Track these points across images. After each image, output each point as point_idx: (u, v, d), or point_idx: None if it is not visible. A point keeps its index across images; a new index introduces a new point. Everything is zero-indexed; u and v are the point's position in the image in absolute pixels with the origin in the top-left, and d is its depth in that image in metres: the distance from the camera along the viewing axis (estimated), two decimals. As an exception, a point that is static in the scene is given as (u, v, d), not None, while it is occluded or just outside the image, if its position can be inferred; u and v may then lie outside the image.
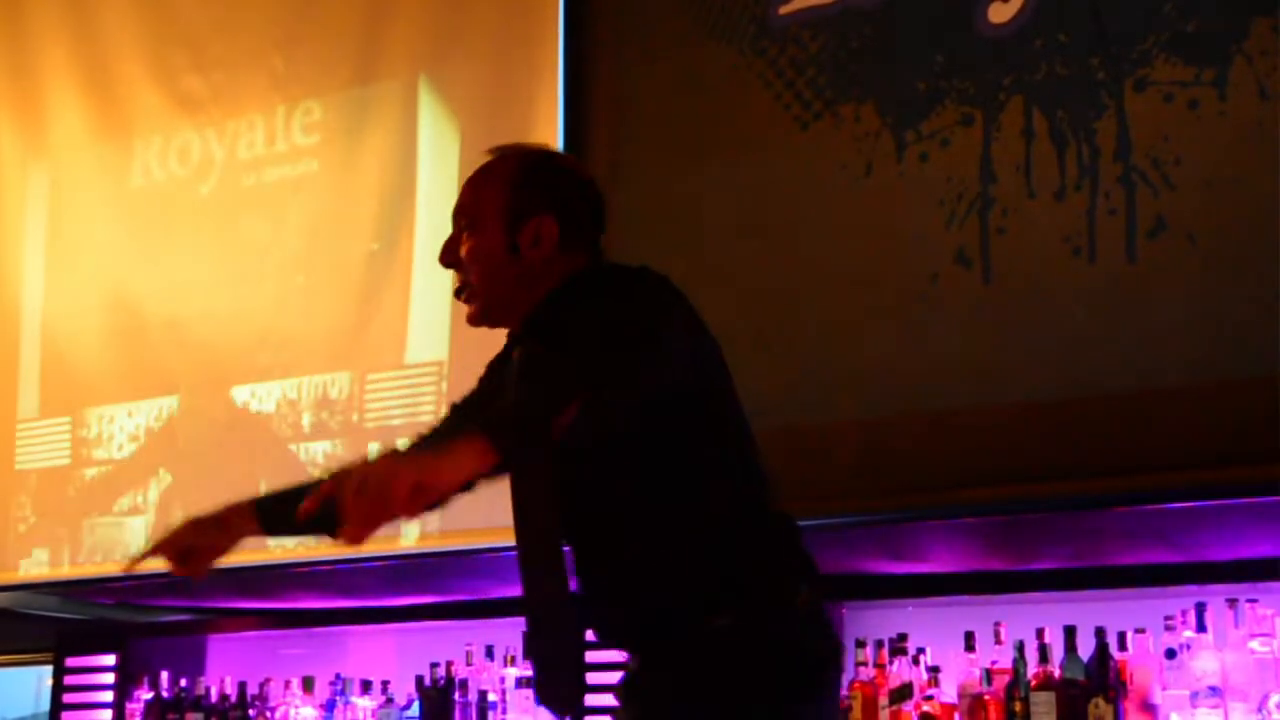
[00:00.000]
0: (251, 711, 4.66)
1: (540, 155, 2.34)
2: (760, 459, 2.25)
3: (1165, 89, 3.22)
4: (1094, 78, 3.30)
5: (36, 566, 4.86)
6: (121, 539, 4.69)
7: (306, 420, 4.40)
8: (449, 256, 2.27)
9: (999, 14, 3.43)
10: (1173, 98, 3.21)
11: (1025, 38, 3.38)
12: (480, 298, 2.24)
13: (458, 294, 2.28)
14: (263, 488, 4.42)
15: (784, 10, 3.71)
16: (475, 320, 2.27)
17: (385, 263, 4.30)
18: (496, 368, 2.36)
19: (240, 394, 4.52)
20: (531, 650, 2.24)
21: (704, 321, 2.18)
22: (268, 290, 4.51)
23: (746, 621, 2.09)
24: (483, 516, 3.17)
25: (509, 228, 2.22)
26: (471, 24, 4.23)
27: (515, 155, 2.29)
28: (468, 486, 2.08)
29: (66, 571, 4.80)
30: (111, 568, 4.70)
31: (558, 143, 3.98)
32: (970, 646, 3.62)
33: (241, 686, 4.72)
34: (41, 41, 5.11)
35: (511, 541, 2.24)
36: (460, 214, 2.27)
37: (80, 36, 5.02)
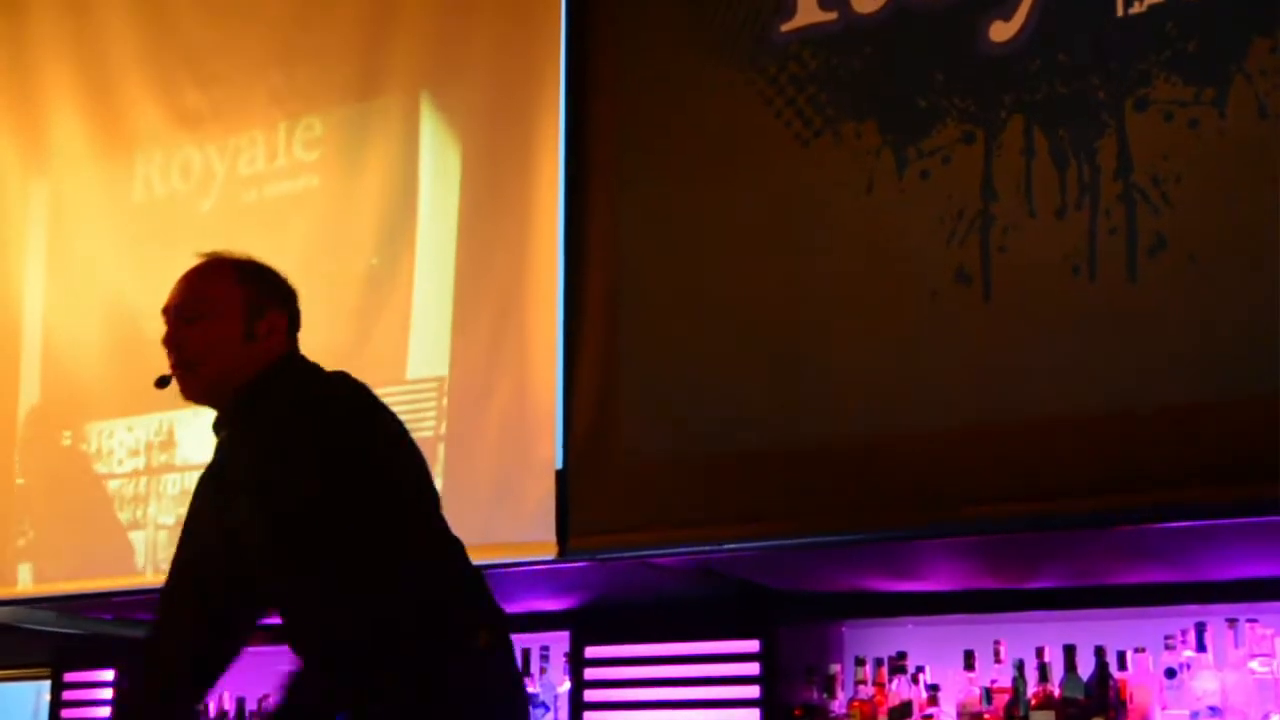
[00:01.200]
0: (249, 728, 4.65)
1: (255, 262, 2.67)
2: (427, 506, 2.49)
3: (1165, 108, 3.22)
4: (1094, 96, 3.30)
5: (35, 581, 4.85)
6: (121, 554, 4.68)
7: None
8: (172, 341, 2.62)
9: (1000, 33, 3.44)
10: (1173, 117, 3.21)
11: (1026, 56, 3.39)
12: (202, 380, 2.57)
13: (162, 383, 2.67)
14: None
15: (785, 28, 3.72)
16: (195, 395, 2.61)
17: (386, 278, 4.30)
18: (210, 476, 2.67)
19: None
20: None
21: (373, 427, 2.48)
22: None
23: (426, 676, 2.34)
24: (480, 533, 3.17)
25: (248, 319, 2.56)
26: (473, 41, 4.24)
27: (238, 260, 2.64)
28: None
29: (65, 586, 4.80)
30: (110, 583, 4.70)
31: (559, 159, 3.98)
32: (970, 665, 3.62)
33: (240, 702, 4.71)
34: (43, 57, 5.12)
35: (507, 559, 2.28)
36: (184, 305, 2.60)
37: (82, 52, 5.03)
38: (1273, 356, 3.03)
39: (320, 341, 4.43)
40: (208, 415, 2.71)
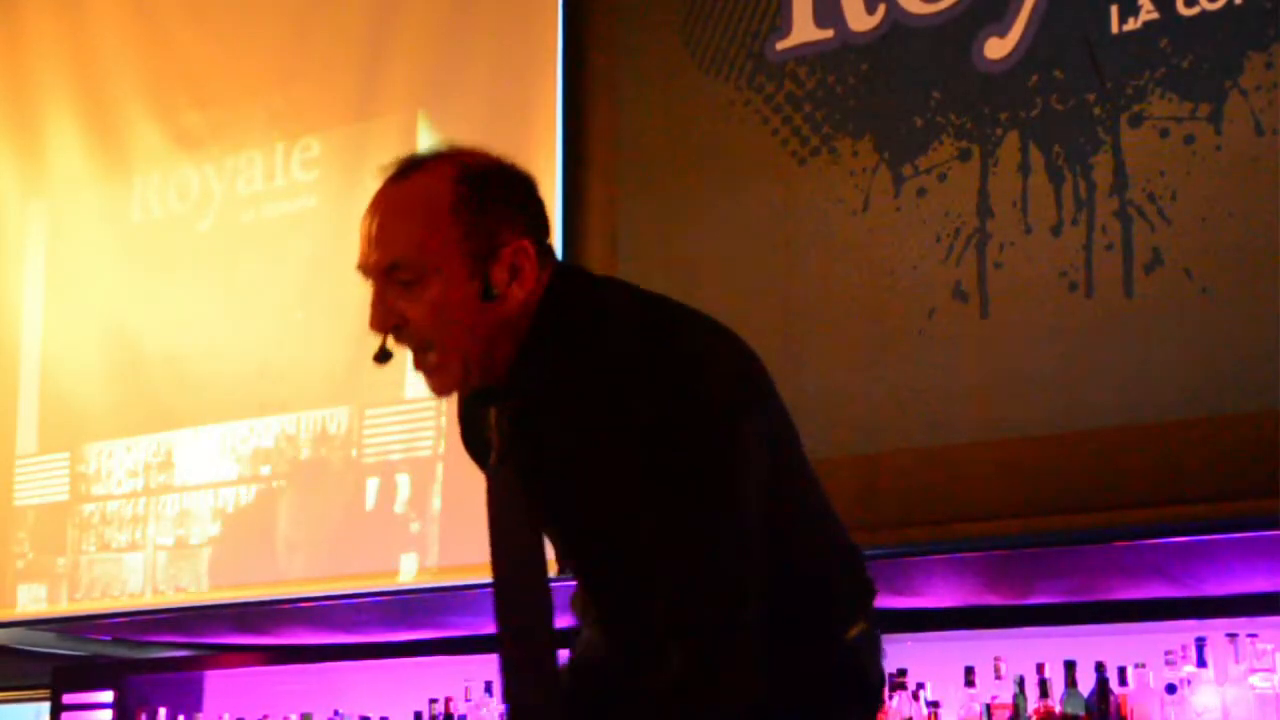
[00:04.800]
0: (249, 748, 4.64)
1: (479, 158, 1.84)
2: (820, 499, 2.01)
3: (1161, 124, 3.23)
4: (1090, 113, 3.31)
5: (34, 603, 4.85)
6: (120, 575, 4.68)
7: (305, 455, 4.40)
8: (388, 319, 1.77)
9: (995, 50, 3.45)
10: (1168, 133, 3.22)
11: (1022, 74, 3.40)
12: (452, 361, 1.77)
13: (382, 358, 1.81)
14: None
15: (781, 46, 3.73)
16: (449, 389, 1.81)
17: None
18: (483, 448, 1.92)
19: (239, 429, 4.52)
20: None
21: (765, 395, 1.84)
22: (266, 326, 4.51)
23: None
24: (481, 551, 3.16)
25: (477, 269, 1.75)
26: (470, 61, 4.25)
27: (449, 167, 1.80)
28: None
29: (64, 608, 4.79)
30: (109, 604, 4.69)
31: (555, 179, 3.99)
32: (970, 682, 3.61)
33: (239, 724, 4.70)
34: (41, 78, 5.13)
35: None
36: (395, 267, 1.76)
37: (80, 74, 5.04)
38: (1270, 372, 3.03)
39: (319, 362, 4.48)
40: (207, 436, 2.49)
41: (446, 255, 1.74)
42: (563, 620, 1.93)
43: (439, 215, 1.75)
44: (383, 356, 1.80)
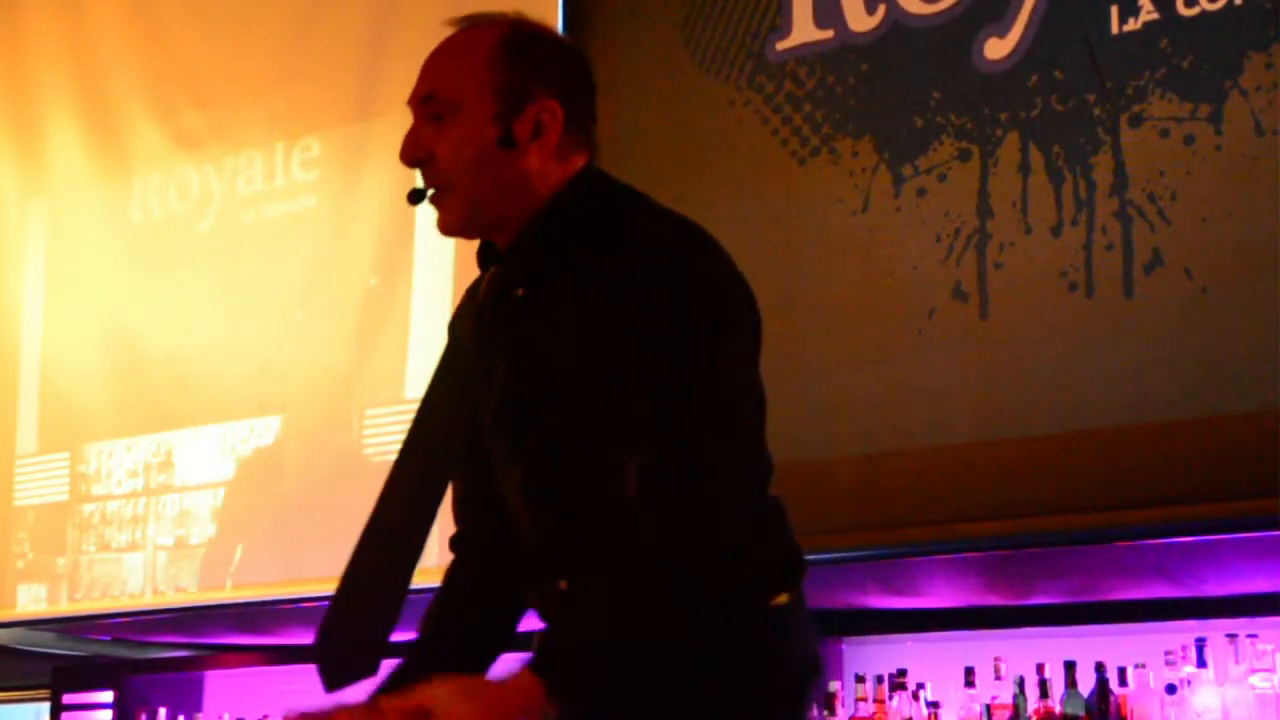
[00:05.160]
0: (249, 748, 4.64)
1: (531, 25, 1.88)
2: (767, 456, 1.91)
3: (1161, 124, 3.23)
4: (1090, 113, 3.31)
5: (34, 603, 4.85)
6: (119, 575, 4.68)
7: (305, 455, 4.40)
8: (417, 151, 1.85)
9: (995, 50, 3.45)
10: (1168, 133, 3.22)
11: (1022, 74, 3.40)
12: (461, 200, 1.82)
13: (414, 198, 1.87)
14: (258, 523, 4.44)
15: (781, 46, 3.73)
16: (453, 229, 1.85)
17: (384, 298, 4.31)
18: (469, 314, 1.93)
19: (239, 429, 4.52)
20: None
21: (746, 299, 1.93)
22: (267, 325, 4.52)
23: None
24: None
25: (502, 114, 1.80)
26: (470, 61, 4.25)
27: (500, 24, 1.86)
28: None
29: (64, 608, 4.79)
30: (109, 604, 4.69)
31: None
32: (970, 682, 3.61)
33: (239, 724, 4.70)
34: (41, 78, 5.13)
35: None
36: (429, 98, 1.84)
37: (80, 74, 5.04)
38: (1270, 372, 3.03)
39: (319, 362, 4.47)
40: (207, 436, 2.46)
41: (475, 95, 1.81)
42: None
43: (478, 57, 1.82)
44: (414, 197, 1.86)
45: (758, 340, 1.95)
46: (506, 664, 1.78)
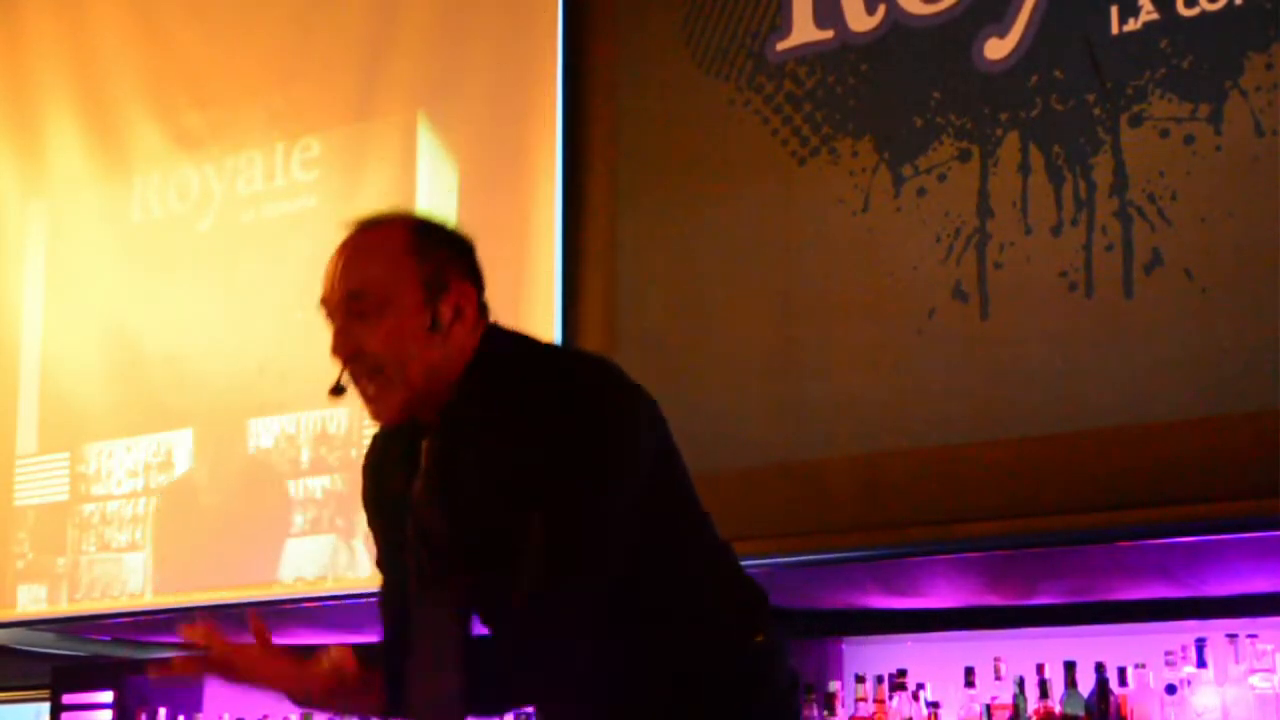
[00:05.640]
0: (249, 749, 4.64)
1: (428, 218, 2.08)
2: (701, 511, 2.13)
3: (1161, 124, 3.23)
4: (1090, 113, 3.31)
5: (34, 603, 4.85)
6: (119, 575, 4.68)
7: (305, 456, 4.40)
8: (349, 347, 1.97)
9: (995, 50, 3.45)
10: (1168, 133, 3.22)
11: (1022, 74, 3.40)
12: (400, 388, 1.97)
13: (337, 391, 2.02)
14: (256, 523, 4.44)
15: (781, 47, 3.73)
16: (391, 416, 2.01)
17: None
18: (393, 482, 2.10)
19: (239, 429, 4.52)
20: None
21: (658, 423, 2.05)
22: (266, 326, 4.51)
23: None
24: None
25: (428, 302, 1.97)
26: (470, 61, 4.25)
27: (404, 220, 2.04)
28: None
29: (64, 608, 4.79)
30: (109, 604, 4.69)
31: (556, 179, 3.99)
32: (970, 682, 3.61)
33: (239, 724, 4.70)
34: (41, 78, 5.13)
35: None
36: (357, 296, 1.96)
37: (80, 74, 5.04)
38: (1270, 372, 3.03)
39: (319, 363, 4.46)
40: (207, 436, 2.51)
41: (402, 288, 1.97)
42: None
43: (396, 253, 1.99)
44: (337, 390, 2.02)
45: (666, 441, 2.08)
46: None
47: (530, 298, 4.01)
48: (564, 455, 1.91)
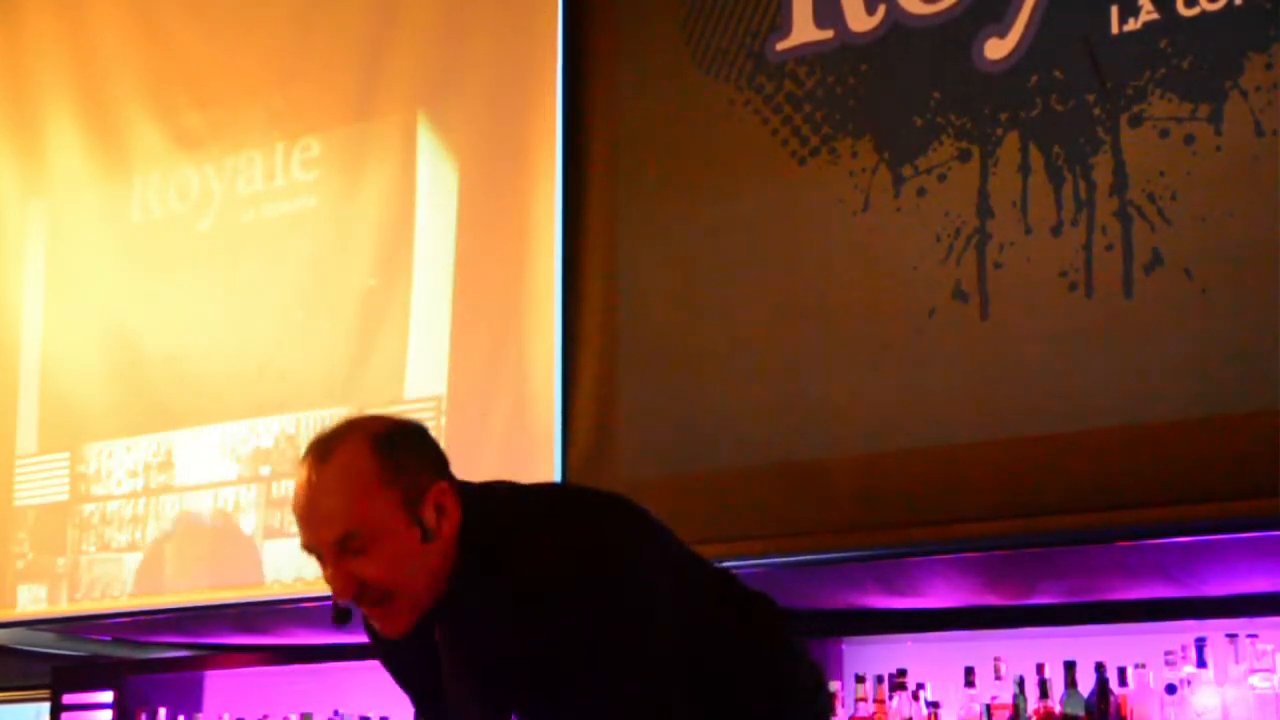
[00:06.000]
0: (249, 749, 4.64)
1: (379, 428, 2.02)
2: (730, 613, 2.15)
3: (1161, 124, 3.23)
4: (1090, 113, 3.31)
5: (34, 603, 4.85)
6: (120, 575, 4.68)
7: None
8: (353, 587, 1.96)
9: (996, 50, 3.45)
10: (1168, 133, 3.22)
11: (1022, 74, 3.40)
12: (410, 605, 1.98)
13: (342, 618, 2.02)
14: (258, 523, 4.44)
15: (780, 46, 3.73)
16: (404, 630, 2.00)
17: (384, 298, 4.31)
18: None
19: (239, 429, 4.52)
20: None
21: (670, 562, 2.07)
22: (266, 326, 4.52)
23: None
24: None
25: (413, 516, 1.95)
26: (470, 61, 4.25)
27: (360, 442, 1.97)
28: None
29: (64, 608, 4.79)
30: (109, 604, 4.69)
31: (556, 179, 3.99)
32: (970, 682, 3.61)
33: (239, 724, 4.70)
34: (41, 78, 5.13)
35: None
36: (348, 538, 1.94)
37: (80, 74, 5.04)
38: (1270, 372, 3.03)
39: (319, 363, 4.48)
40: (208, 437, 2.52)
41: (386, 516, 1.94)
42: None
43: (367, 483, 1.95)
44: (341, 617, 2.02)
45: (682, 578, 2.08)
46: None
47: (530, 298, 4.02)
48: (581, 642, 1.90)
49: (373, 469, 1.95)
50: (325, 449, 1.97)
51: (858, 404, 3.49)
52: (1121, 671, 3.46)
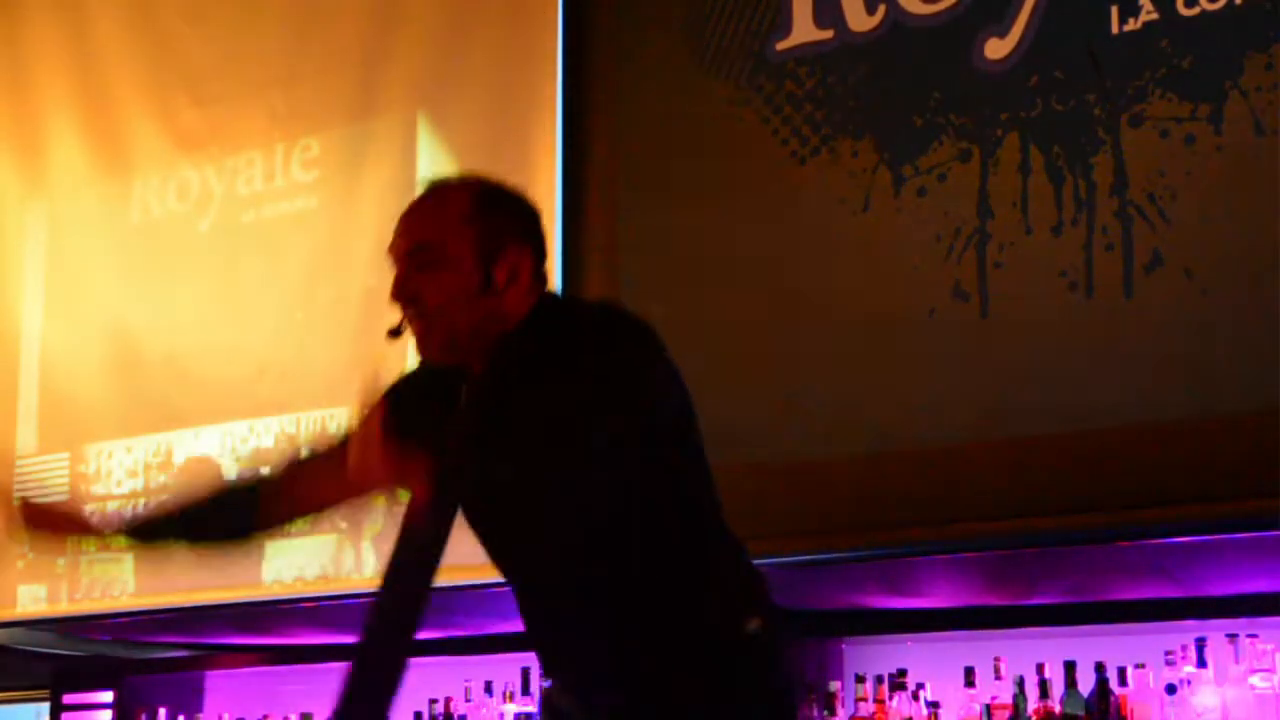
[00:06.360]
0: (249, 749, 4.64)
1: (496, 184, 2.21)
2: (716, 493, 2.21)
3: (1161, 124, 3.23)
4: (1090, 113, 3.31)
5: (34, 603, 4.85)
6: (120, 576, 4.68)
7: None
8: (406, 293, 2.12)
9: (996, 50, 3.45)
10: (1168, 133, 3.22)
11: (1022, 74, 3.40)
12: (443, 337, 2.11)
13: (394, 334, 2.14)
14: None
15: (781, 46, 3.73)
16: (437, 357, 2.14)
17: (384, 298, 4.30)
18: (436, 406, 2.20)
19: (239, 429, 4.52)
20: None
21: (675, 369, 2.18)
22: (266, 326, 4.52)
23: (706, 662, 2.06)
24: (481, 551, 3.16)
25: (482, 263, 2.11)
26: (470, 61, 4.25)
27: (472, 185, 2.19)
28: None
29: (64, 608, 4.79)
30: (109, 604, 4.69)
31: (556, 178, 3.99)
32: (970, 682, 3.62)
33: (240, 724, 4.70)
34: (41, 78, 5.13)
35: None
36: (418, 248, 2.12)
37: (80, 73, 5.04)
38: (1270, 372, 3.03)
39: (319, 363, 4.47)
40: (207, 437, 2.56)
41: (459, 247, 2.11)
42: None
43: (456, 216, 2.13)
44: (395, 332, 2.14)
45: (687, 412, 2.23)
46: None
47: (530, 298, 4.01)
48: (589, 385, 1.99)
49: (462, 206, 2.13)
50: (440, 181, 2.21)
51: (858, 404, 3.49)
52: (1121, 671, 3.46)
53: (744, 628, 2.09)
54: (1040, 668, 3.52)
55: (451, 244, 2.11)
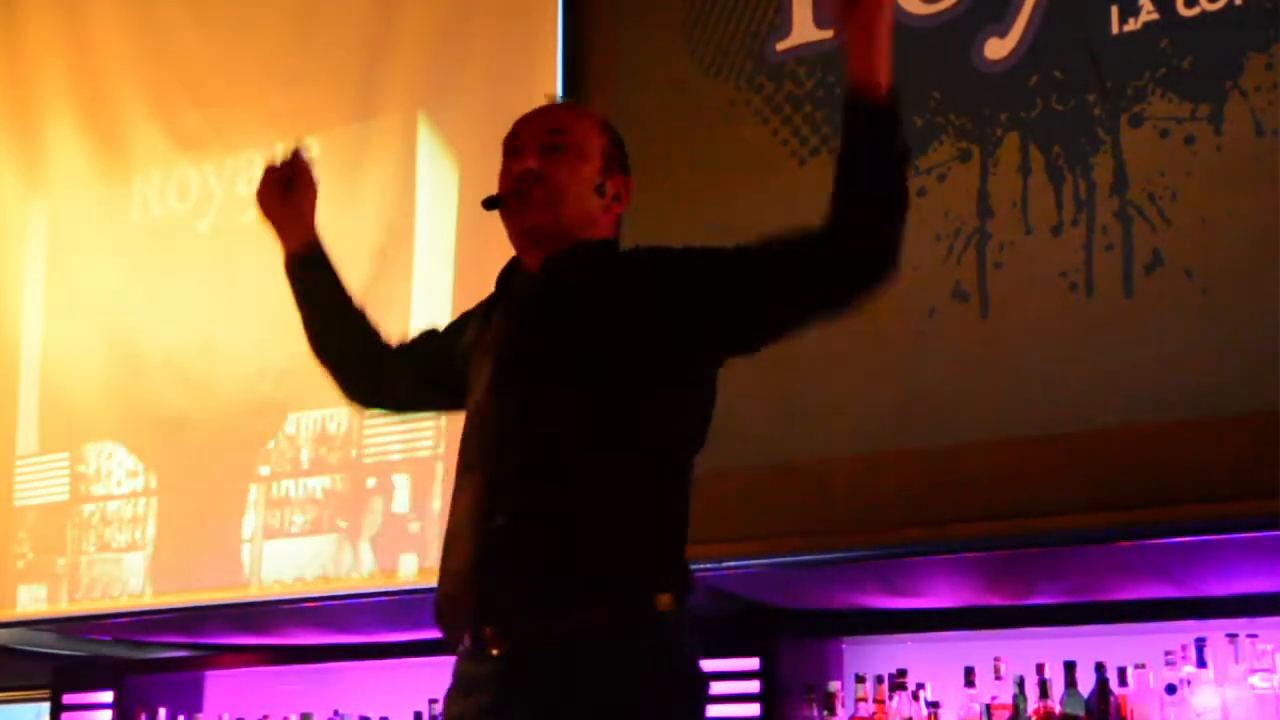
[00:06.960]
0: (249, 749, 4.64)
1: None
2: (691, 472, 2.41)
3: (1161, 124, 3.23)
4: (1090, 113, 3.31)
5: (34, 603, 4.85)
6: (120, 575, 4.68)
7: (305, 456, 4.40)
8: (528, 173, 2.25)
9: (996, 50, 3.45)
10: (1169, 133, 3.22)
11: (1022, 74, 3.40)
12: (556, 206, 2.24)
13: (490, 204, 2.26)
14: (258, 523, 4.45)
15: (781, 47, 3.73)
16: (540, 221, 2.24)
17: (383, 299, 4.30)
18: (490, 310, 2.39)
19: (239, 429, 4.52)
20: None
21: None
22: (266, 326, 4.51)
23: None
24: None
25: (603, 171, 2.31)
26: (469, 61, 4.25)
27: (597, 113, 2.40)
28: None
29: (64, 608, 4.79)
30: (109, 604, 4.69)
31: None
32: (970, 682, 3.62)
33: (238, 724, 4.70)
34: (41, 78, 5.13)
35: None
36: (560, 131, 2.29)
37: (80, 73, 5.04)
38: (1270, 372, 3.03)
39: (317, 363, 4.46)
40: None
41: (590, 145, 2.30)
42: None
43: (592, 122, 2.35)
44: (491, 202, 2.27)
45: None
46: None
47: (530, 298, 4.01)
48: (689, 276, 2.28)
49: (598, 118, 2.35)
50: (573, 102, 2.42)
51: (858, 404, 3.49)
52: (1121, 671, 3.46)
53: (665, 579, 2.22)
54: (1040, 668, 3.52)
55: (587, 141, 2.29)
